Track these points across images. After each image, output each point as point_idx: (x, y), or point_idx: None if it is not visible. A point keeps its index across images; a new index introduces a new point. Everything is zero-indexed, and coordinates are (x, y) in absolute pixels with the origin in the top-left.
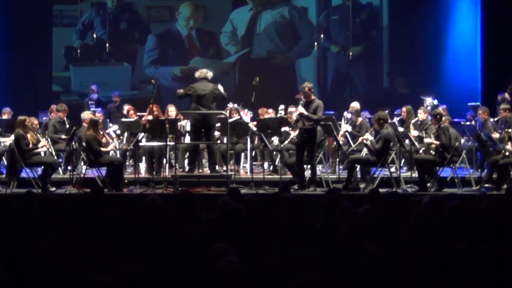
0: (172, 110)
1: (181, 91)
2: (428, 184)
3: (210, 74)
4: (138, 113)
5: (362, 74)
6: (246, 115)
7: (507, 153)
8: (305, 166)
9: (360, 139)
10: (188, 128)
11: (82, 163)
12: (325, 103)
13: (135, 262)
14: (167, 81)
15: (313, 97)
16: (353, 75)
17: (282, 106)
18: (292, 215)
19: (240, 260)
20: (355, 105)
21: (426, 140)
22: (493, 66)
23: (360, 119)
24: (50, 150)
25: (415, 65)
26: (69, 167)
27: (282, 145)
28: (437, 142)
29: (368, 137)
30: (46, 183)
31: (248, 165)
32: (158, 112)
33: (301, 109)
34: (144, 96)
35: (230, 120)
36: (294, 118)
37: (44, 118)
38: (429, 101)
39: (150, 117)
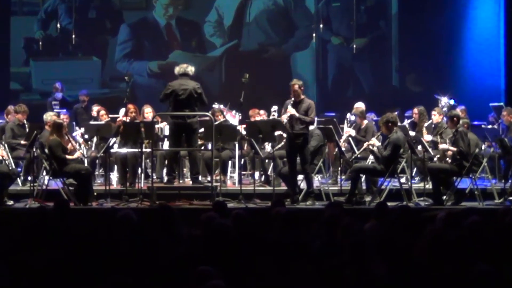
0: (148, 112)
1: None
2: (444, 197)
3: (191, 69)
4: (110, 115)
5: (367, 70)
6: (234, 117)
7: None
8: (301, 176)
9: (365, 145)
10: (166, 132)
11: (44, 173)
12: (325, 103)
13: (106, 286)
14: (142, 77)
15: (302, 96)
16: (358, 71)
17: (275, 107)
18: (287, 233)
19: (227, 285)
20: (360, 105)
21: (442, 146)
22: None
23: (365, 122)
24: (6, 158)
25: (428, 60)
26: (29, 178)
27: (275, 152)
28: (454, 149)
29: (375, 142)
30: (3, 196)
31: (236, 175)
32: (136, 113)
33: (291, 110)
34: (116, 95)
35: (215, 123)
36: (285, 121)
37: (0, 120)
38: (444, 101)
39: (126, 119)
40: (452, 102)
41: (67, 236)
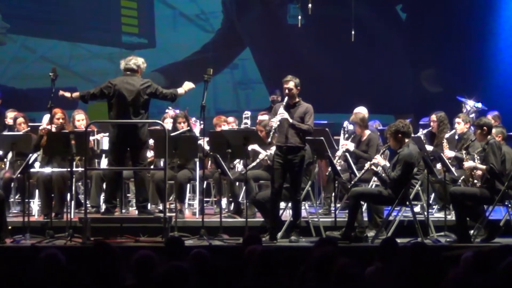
0: (81, 119)
1: (94, 90)
2: (472, 232)
3: (137, 63)
4: (30, 124)
5: (371, 63)
6: (195, 126)
7: None
8: (283, 204)
9: (367, 166)
10: (105, 146)
11: None
12: (314, 107)
13: None
14: None
15: (298, 99)
16: (357, 64)
17: (248, 113)
18: (264, 279)
19: None
20: (361, 111)
21: (468, 164)
22: None
23: (367, 132)
24: None
25: (451, 52)
26: None
27: (248, 172)
28: (484, 167)
29: (379, 161)
30: None
31: (196, 203)
32: (64, 120)
33: (284, 113)
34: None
35: (175, 133)
36: (274, 126)
37: None
38: (471, 104)
39: (51, 128)
40: (479, 105)
41: None
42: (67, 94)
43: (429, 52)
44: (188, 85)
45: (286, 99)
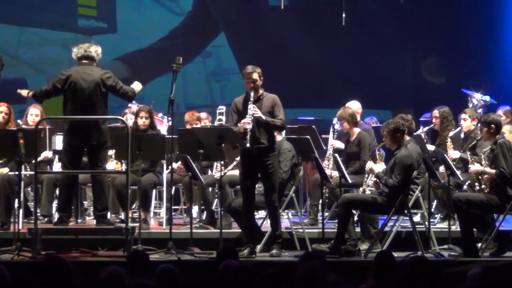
0: (34, 114)
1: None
2: (479, 245)
3: (98, 51)
4: None
5: (364, 50)
6: (162, 124)
7: None
8: (258, 212)
9: (361, 189)
10: (59, 146)
11: None
12: (299, 101)
13: None
14: None
15: (261, 91)
16: (349, 51)
17: (222, 108)
18: None
19: None
20: (353, 105)
21: (474, 167)
22: None
23: (356, 130)
24: None
25: (456, 38)
26: None
27: (224, 177)
28: (493, 171)
29: (372, 166)
30: None
31: (163, 211)
32: (10, 116)
33: (257, 111)
34: None
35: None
36: (248, 128)
37: None
38: (478, 98)
39: None
40: (487, 98)
41: None
42: (24, 93)
43: (431, 39)
44: (137, 86)
45: (252, 94)
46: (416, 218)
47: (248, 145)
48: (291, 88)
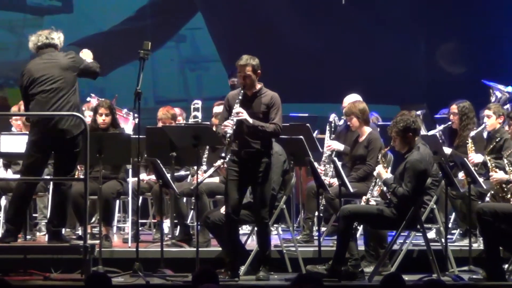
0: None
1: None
2: (506, 266)
3: (61, 38)
4: None
5: (368, 35)
6: (127, 121)
7: None
8: (247, 228)
9: (364, 198)
10: (4, 148)
11: None
12: (291, 94)
13: None
14: None
15: (259, 86)
16: (349, 35)
17: (198, 102)
18: None
19: None
20: (353, 99)
21: (497, 176)
22: None
23: (367, 130)
24: None
25: (479, 21)
26: None
27: (202, 185)
28: None
29: (381, 171)
30: None
31: (129, 226)
32: None
33: (242, 113)
34: None
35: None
36: (228, 132)
37: None
38: (501, 89)
39: None
40: (510, 89)
41: None
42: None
43: (448, 21)
44: (87, 55)
45: (242, 91)
46: (431, 234)
47: (223, 154)
48: (281, 79)
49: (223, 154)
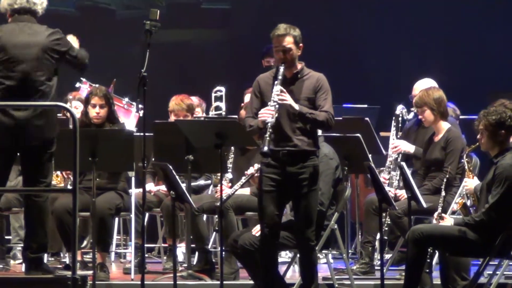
0: None
1: None
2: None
3: (40, 2)
4: None
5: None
6: (129, 114)
7: None
8: (284, 254)
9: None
10: None
11: None
12: (342, 80)
13: None
14: None
15: (300, 65)
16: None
17: (221, 89)
18: None
19: None
20: (427, 84)
21: None
22: None
23: (445, 125)
24: None
25: None
26: None
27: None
28: None
29: (469, 182)
30: None
31: (131, 252)
32: None
33: (284, 96)
34: None
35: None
36: (270, 121)
37: None
38: None
39: None
40: None
41: None
42: None
43: None
44: (72, 41)
45: (281, 69)
46: None
47: (265, 148)
48: (330, 63)
49: (265, 148)
